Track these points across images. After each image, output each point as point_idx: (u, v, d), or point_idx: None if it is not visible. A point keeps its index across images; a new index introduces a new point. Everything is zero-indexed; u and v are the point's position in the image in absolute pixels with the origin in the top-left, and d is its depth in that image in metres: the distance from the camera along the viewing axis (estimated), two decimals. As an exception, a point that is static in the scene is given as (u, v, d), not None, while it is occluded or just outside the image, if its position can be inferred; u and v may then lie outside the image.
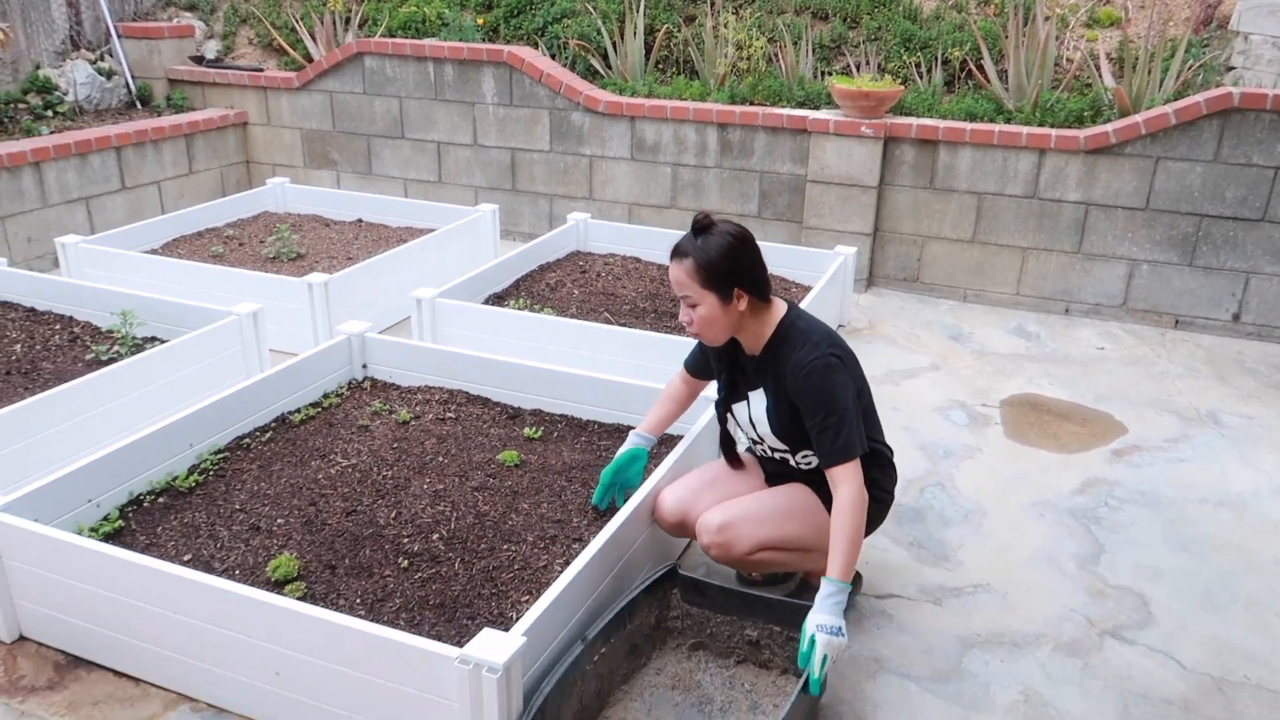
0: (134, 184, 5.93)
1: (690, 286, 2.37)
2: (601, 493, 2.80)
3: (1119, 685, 2.52)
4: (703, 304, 2.38)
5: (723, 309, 2.38)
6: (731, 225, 2.40)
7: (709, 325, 2.41)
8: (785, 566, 2.60)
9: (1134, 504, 3.35)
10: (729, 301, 2.37)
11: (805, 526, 2.50)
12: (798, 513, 2.51)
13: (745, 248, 2.38)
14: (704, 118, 5.49)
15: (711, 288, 2.36)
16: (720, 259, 2.34)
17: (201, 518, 2.81)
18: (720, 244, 2.35)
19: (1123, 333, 4.90)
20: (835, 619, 2.21)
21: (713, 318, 2.39)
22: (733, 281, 2.36)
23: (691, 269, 2.35)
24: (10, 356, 3.82)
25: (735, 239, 2.37)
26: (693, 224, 2.39)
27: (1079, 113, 5.04)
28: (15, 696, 2.39)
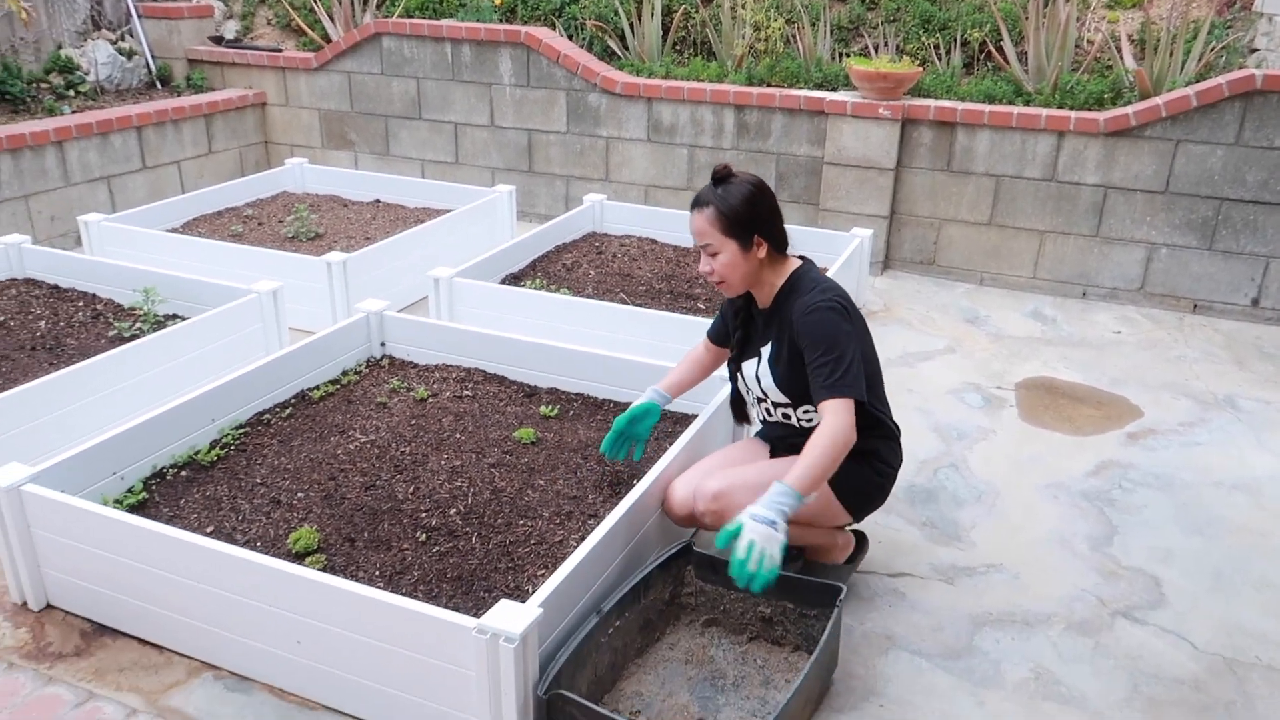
0: (154, 163, 5.98)
1: (711, 234, 2.43)
2: (611, 439, 2.79)
3: (1130, 665, 2.53)
4: (724, 251, 2.44)
5: (743, 256, 2.44)
6: (750, 175, 2.48)
7: (730, 272, 2.46)
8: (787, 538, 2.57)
9: (1148, 487, 3.35)
10: (749, 249, 2.44)
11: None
12: None
13: (764, 196, 2.45)
14: (721, 99, 5.49)
15: (732, 235, 2.42)
16: (741, 206, 2.40)
17: (223, 491, 2.86)
18: (741, 192, 2.42)
19: (1140, 317, 4.89)
20: (769, 512, 2.13)
21: (733, 264, 2.45)
22: (753, 229, 2.42)
23: (713, 216, 2.42)
24: (35, 333, 3.87)
25: (755, 188, 2.44)
26: (713, 174, 2.46)
27: (1099, 95, 5.01)
28: (43, 663, 2.45)
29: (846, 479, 2.47)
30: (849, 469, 2.43)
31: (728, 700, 2.32)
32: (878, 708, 2.37)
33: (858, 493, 2.55)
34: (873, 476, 2.55)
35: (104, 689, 2.36)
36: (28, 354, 3.69)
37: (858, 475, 2.51)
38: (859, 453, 2.44)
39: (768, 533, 2.11)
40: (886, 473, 2.58)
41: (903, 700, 2.39)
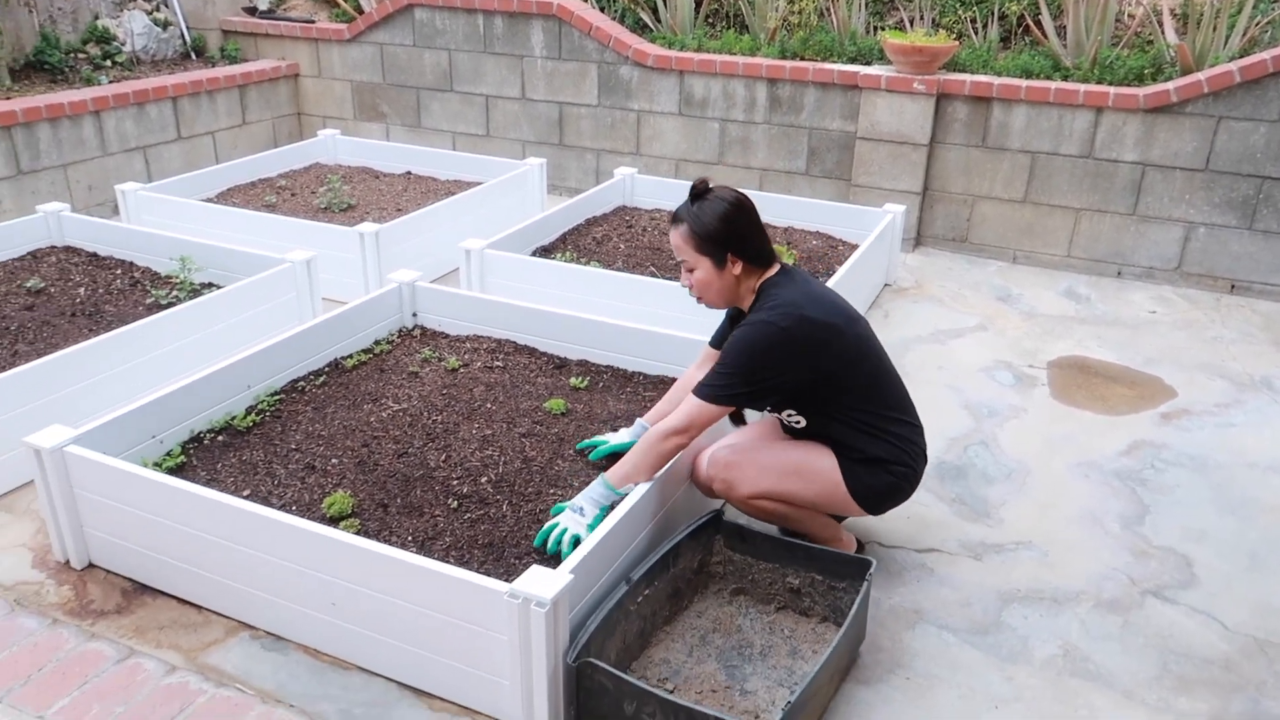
0: (189, 134, 6.03)
1: (686, 251, 2.45)
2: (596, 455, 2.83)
3: (1159, 643, 2.52)
4: (698, 268, 2.46)
5: (717, 274, 2.44)
6: (728, 191, 2.45)
7: (705, 289, 2.48)
8: (787, 521, 2.58)
9: (1181, 467, 3.33)
10: (723, 266, 2.43)
11: (812, 487, 2.50)
12: (807, 472, 2.50)
13: (740, 213, 2.43)
14: (753, 73, 5.44)
15: (705, 253, 2.43)
16: (714, 224, 2.40)
17: (259, 456, 2.91)
18: (715, 210, 2.41)
19: (1176, 297, 4.82)
20: (581, 501, 2.44)
21: (708, 282, 2.46)
22: (726, 247, 2.41)
23: (686, 234, 2.43)
24: (75, 299, 3.94)
25: (730, 205, 2.42)
26: (691, 189, 2.46)
27: (1139, 70, 4.92)
28: (86, 620, 2.51)
29: (859, 482, 2.48)
30: (865, 474, 2.48)
31: (754, 669, 2.34)
32: (904, 680, 2.38)
33: (874, 493, 2.52)
34: (888, 478, 2.50)
35: (144, 646, 2.42)
36: (68, 320, 3.75)
37: (874, 479, 2.49)
38: (871, 460, 2.47)
39: (573, 518, 2.43)
40: (904, 474, 2.51)
41: (929, 674, 2.40)
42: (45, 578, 2.66)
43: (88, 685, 2.28)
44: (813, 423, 2.52)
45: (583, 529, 2.39)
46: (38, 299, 3.92)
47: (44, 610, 2.53)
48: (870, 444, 2.47)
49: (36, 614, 2.52)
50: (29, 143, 5.14)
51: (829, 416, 2.48)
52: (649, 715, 2.01)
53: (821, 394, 2.44)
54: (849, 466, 2.48)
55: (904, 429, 2.52)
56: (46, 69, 5.90)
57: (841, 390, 2.43)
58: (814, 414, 2.50)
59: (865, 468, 2.48)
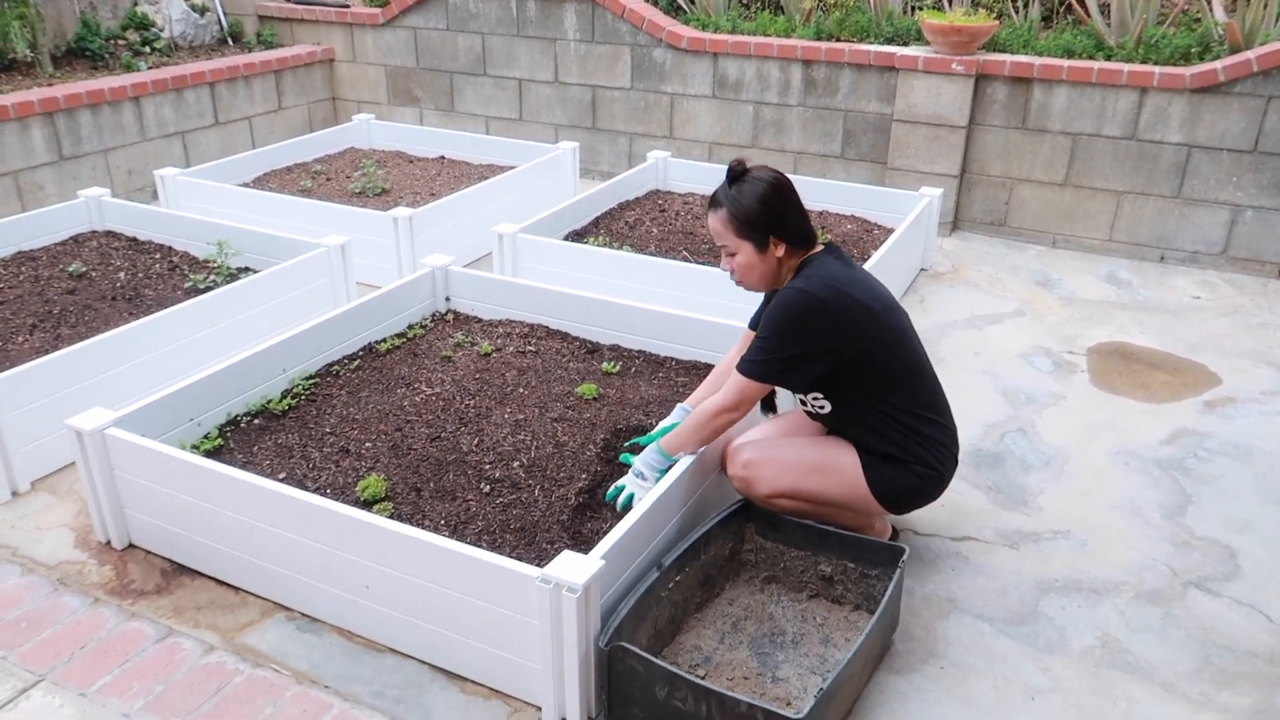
0: (226, 119, 6.08)
1: (726, 236, 2.38)
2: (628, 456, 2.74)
3: (1201, 636, 2.48)
4: (740, 253, 2.39)
5: (759, 257, 2.38)
6: (766, 171, 2.37)
7: (747, 273, 2.42)
8: (813, 517, 2.51)
9: (1225, 456, 3.26)
10: (765, 250, 2.37)
11: (834, 483, 2.45)
12: (829, 469, 2.46)
13: (780, 194, 2.36)
14: (788, 54, 5.38)
15: (746, 237, 2.36)
16: (755, 207, 2.33)
17: (294, 439, 2.93)
18: (755, 191, 2.34)
19: (1221, 282, 4.71)
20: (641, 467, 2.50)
21: (750, 265, 2.40)
22: (768, 230, 2.35)
23: (725, 218, 2.36)
24: (115, 283, 4.00)
25: (770, 186, 2.34)
26: (728, 171, 2.38)
27: (1185, 49, 4.79)
28: (126, 599, 2.55)
29: (883, 481, 2.43)
30: (886, 472, 2.42)
31: (786, 657, 2.33)
32: (938, 670, 2.35)
33: (896, 492, 2.45)
34: (911, 478, 2.44)
35: (183, 626, 2.46)
36: (109, 304, 3.81)
37: (896, 477, 2.43)
38: (895, 458, 2.42)
39: (636, 482, 2.51)
40: (927, 475, 2.44)
41: (963, 664, 2.37)
42: (87, 558, 2.71)
43: (128, 664, 2.32)
44: (839, 409, 2.46)
45: (642, 491, 2.47)
46: (79, 283, 3.99)
47: (86, 590, 2.58)
48: (896, 441, 2.41)
49: (79, 593, 2.56)
50: (70, 129, 5.21)
51: (856, 404, 2.42)
52: (680, 700, 2.01)
53: (855, 379, 2.38)
54: (871, 463, 2.43)
55: (934, 430, 2.45)
56: (87, 55, 5.98)
57: (875, 378, 2.38)
58: (842, 399, 2.44)
59: (889, 465, 2.43)
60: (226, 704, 2.21)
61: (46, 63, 5.68)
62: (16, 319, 3.66)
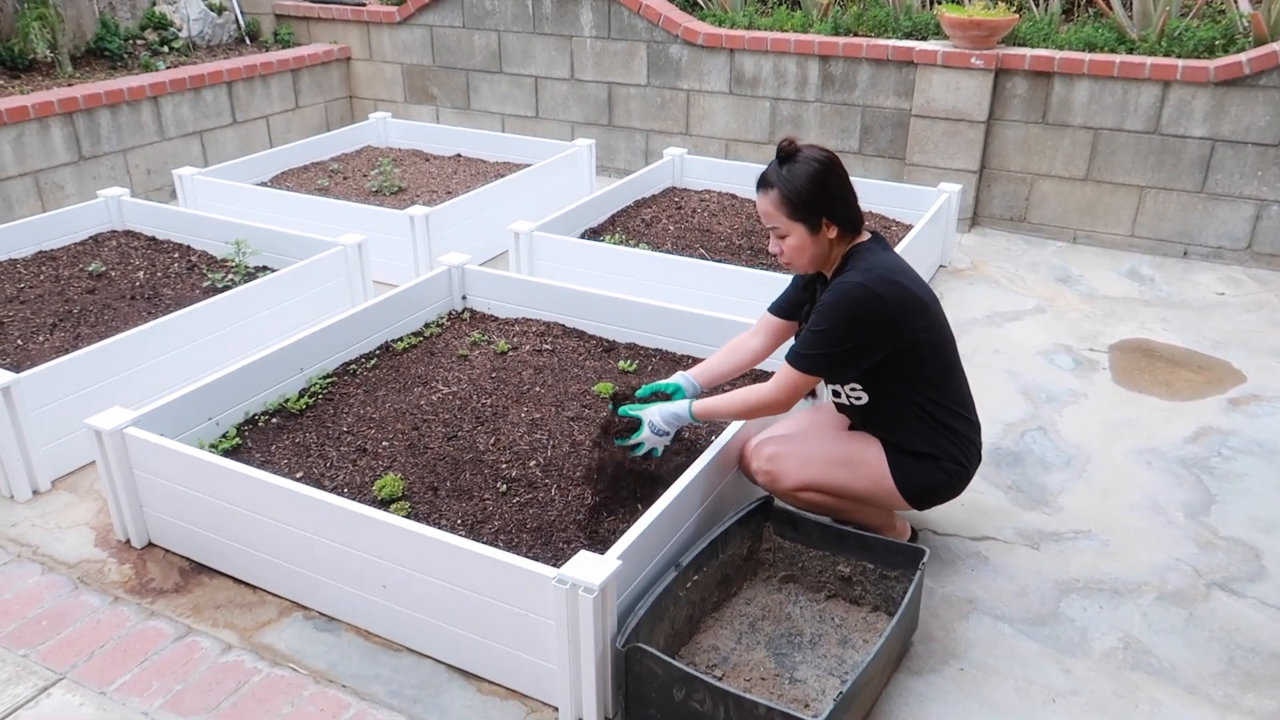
0: (244, 118, 6.11)
1: (778, 218, 2.33)
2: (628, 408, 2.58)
3: (1225, 637, 2.44)
4: (791, 234, 2.34)
5: (811, 239, 2.33)
6: (817, 151, 2.31)
7: (798, 255, 2.37)
8: (834, 512, 2.52)
9: (1250, 454, 3.21)
10: (817, 231, 2.32)
11: (859, 477, 2.44)
12: (855, 462, 2.44)
13: (832, 174, 2.30)
14: (805, 50, 5.35)
15: (799, 218, 2.31)
16: (807, 187, 2.28)
17: (312, 438, 2.94)
18: (806, 171, 2.28)
19: (1245, 278, 4.65)
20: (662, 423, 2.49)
21: (801, 247, 2.35)
22: (820, 211, 2.30)
23: (777, 200, 2.31)
24: (135, 282, 4.02)
25: (822, 165, 2.29)
26: (777, 151, 2.32)
27: (1210, 42, 4.73)
28: (145, 597, 2.57)
29: (910, 476, 2.42)
30: (913, 468, 2.41)
31: (804, 658, 2.31)
32: (958, 671, 2.33)
33: (921, 488, 2.45)
34: (939, 474, 2.43)
35: (201, 624, 2.47)
36: (128, 303, 3.83)
37: (923, 473, 2.43)
38: (923, 454, 2.40)
39: (656, 438, 2.52)
40: (955, 471, 2.44)
41: (984, 665, 2.35)
42: (107, 556, 2.72)
43: (147, 662, 2.33)
44: (877, 400, 2.42)
45: (659, 446, 2.53)
46: (99, 282, 4.01)
47: (105, 588, 2.60)
48: (928, 436, 2.40)
49: (99, 591, 2.58)
50: (90, 129, 5.25)
51: (896, 398, 2.39)
52: (698, 702, 1.99)
53: (898, 370, 2.35)
54: (897, 459, 2.42)
55: (964, 425, 2.45)
56: (106, 56, 6.02)
57: (917, 371, 2.36)
58: (882, 393, 2.40)
59: (915, 461, 2.42)
60: (245, 703, 2.22)
61: (66, 63, 5.72)
62: (37, 318, 3.68)
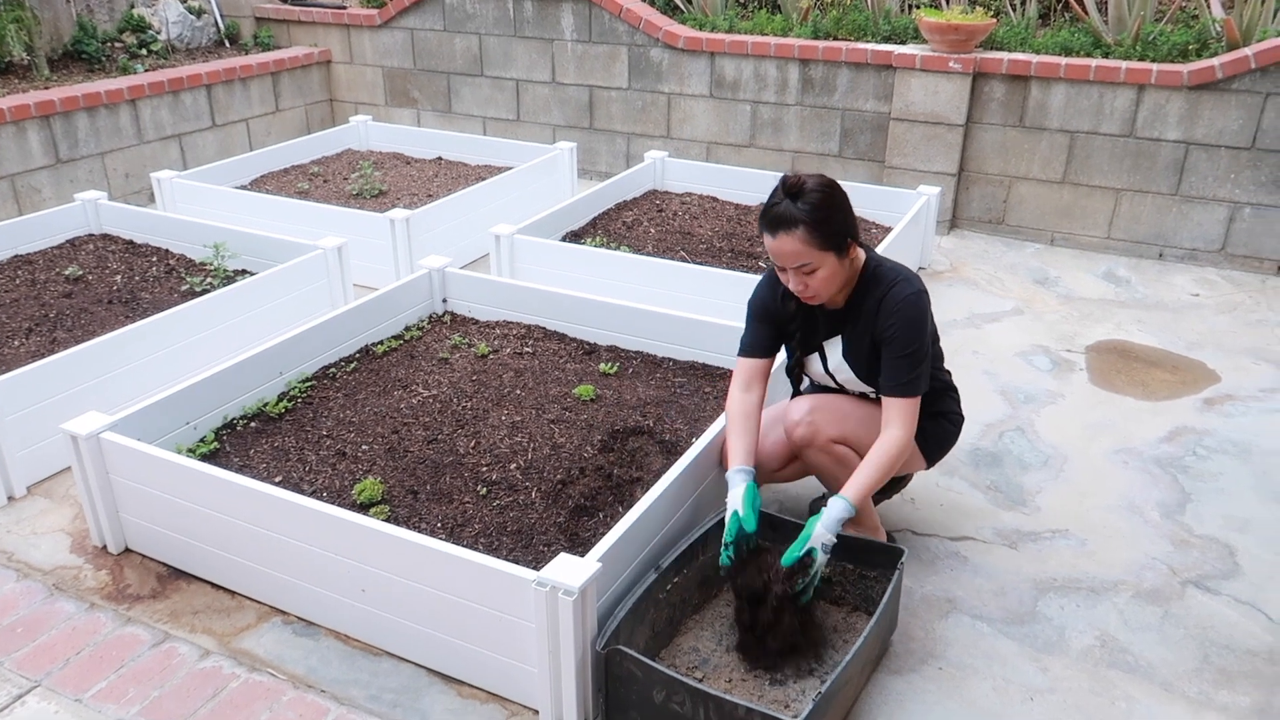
0: (223, 121, 6.07)
1: (808, 254, 2.24)
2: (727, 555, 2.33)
3: (1200, 634, 2.47)
4: (823, 266, 2.27)
5: (840, 265, 2.31)
6: (820, 178, 2.29)
7: (829, 285, 2.31)
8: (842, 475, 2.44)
9: (1224, 454, 3.25)
10: (844, 255, 2.31)
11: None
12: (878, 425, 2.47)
13: (841, 194, 2.31)
14: (785, 53, 5.37)
15: (829, 248, 2.26)
16: (832, 215, 2.26)
17: (291, 442, 2.93)
18: (825, 201, 2.25)
19: (1220, 279, 4.71)
20: (833, 538, 2.24)
21: (832, 276, 2.30)
22: (845, 233, 2.29)
23: (806, 236, 2.22)
24: (112, 286, 3.99)
25: (831, 191, 2.27)
26: (786, 188, 2.25)
27: (1183, 46, 4.78)
28: (122, 604, 2.55)
29: (928, 437, 2.58)
30: (931, 428, 2.58)
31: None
32: (936, 670, 2.35)
33: (938, 443, 2.65)
34: (948, 427, 2.65)
35: (179, 630, 2.45)
36: (105, 307, 3.80)
37: (938, 430, 2.62)
38: (936, 414, 2.60)
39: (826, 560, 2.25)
40: (957, 421, 2.67)
41: (962, 664, 2.37)
42: (83, 562, 2.70)
43: (124, 669, 2.32)
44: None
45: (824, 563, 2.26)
46: (76, 286, 3.98)
47: (82, 594, 2.57)
48: (933, 401, 2.56)
49: (75, 598, 2.56)
50: (67, 132, 5.21)
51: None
52: (678, 704, 2.00)
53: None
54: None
55: (948, 376, 2.67)
56: (84, 58, 5.97)
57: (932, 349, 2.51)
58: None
59: (930, 421, 2.57)
60: (223, 708, 2.20)
61: (43, 65, 5.67)
62: (13, 323, 3.65)
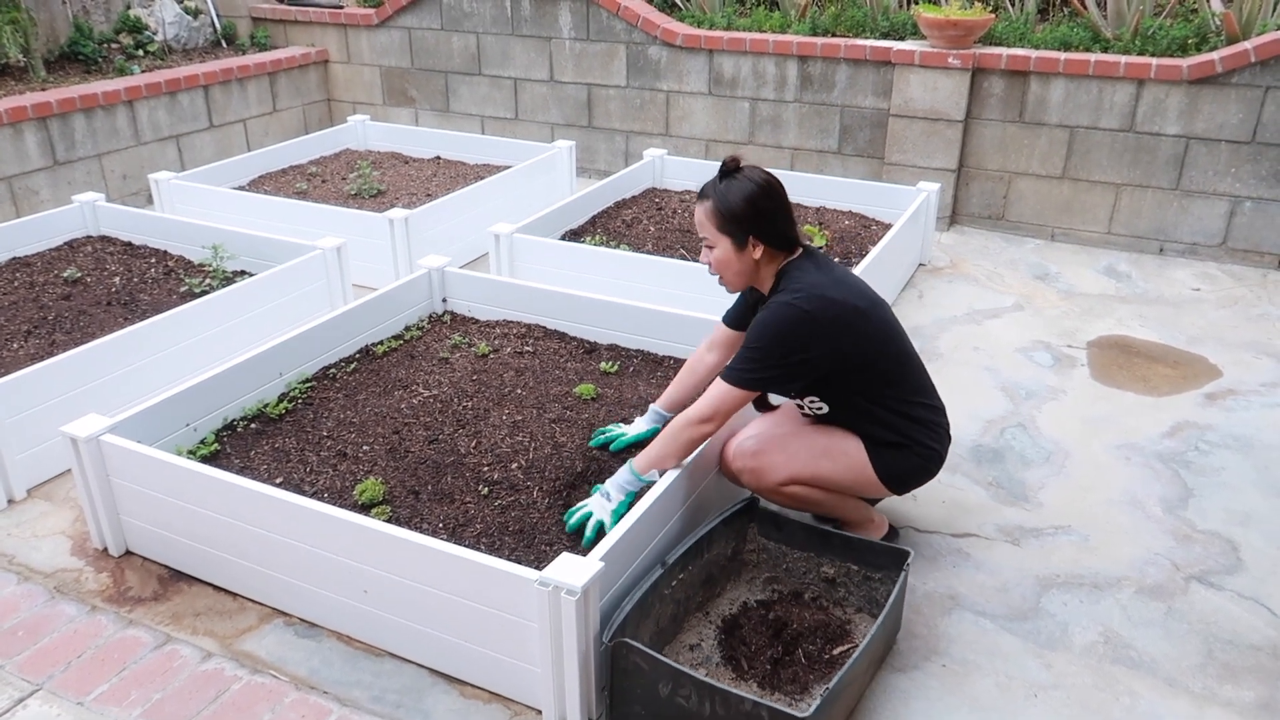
0: (221, 122, 6.06)
1: (707, 229, 2.42)
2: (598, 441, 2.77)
3: (1204, 630, 2.47)
4: (718, 247, 2.42)
5: (737, 254, 2.41)
6: (758, 173, 2.40)
7: (724, 268, 2.45)
8: (818, 506, 2.55)
9: (1226, 448, 3.24)
10: (743, 248, 2.40)
11: (842, 468, 2.48)
12: (836, 453, 2.48)
13: (767, 197, 2.38)
14: (784, 50, 5.36)
15: (726, 232, 2.39)
16: (739, 205, 2.36)
17: (291, 443, 2.92)
18: (742, 190, 2.36)
19: (1220, 273, 4.70)
20: (609, 488, 2.43)
21: (726, 261, 2.43)
22: (749, 229, 2.37)
23: (710, 211, 2.40)
24: (110, 288, 3.98)
25: (758, 187, 2.37)
26: (721, 166, 2.41)
27: (1183, 40, 4.78)
28: (124, 606, 2.54)
29: (888, 464, 2.47)
30: (889, 457, 2.47)
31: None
32: (940, 668, 2.34)
33: (900, 474, 2.51)
34: (914, 460, 2.49)
35: (180, 632, 2.44)
36: (104, 309, 3.79)
37: (900, 461, 2.48)
38: (897, 444, 2.46)
39: (600, 503, 2.44)
40: (929, 454, 2.50)
41: (966, 661, 2.36)
42: (84, 565, 2.69)
43: (126, 671, 2.31)
44: (837, 409, 2.48)
45: (608, 515, 2.40)
46: (74, 288, 3.97)
47: (83, 597, 2.57)
48: (895, 429, 2.45)
49: (76, 601, 2.55)
50: (64, 133, 5.20)
51: (853, 403, 2.45)
52: (684, 698, 1.99)
53: (846, 379, 2.40)
54: (874, 449, 2.46)
55: (927, 412, 2.50)
56: (80, 59, 5.96)
57: (866, 375, 2.40)
58: (838, 400, 2.47)
59: (890, 450, 2.46)
60: (225, 710, 2.20)
61: (39, 67, 5.66)
62: (11, 325, 3.64)
